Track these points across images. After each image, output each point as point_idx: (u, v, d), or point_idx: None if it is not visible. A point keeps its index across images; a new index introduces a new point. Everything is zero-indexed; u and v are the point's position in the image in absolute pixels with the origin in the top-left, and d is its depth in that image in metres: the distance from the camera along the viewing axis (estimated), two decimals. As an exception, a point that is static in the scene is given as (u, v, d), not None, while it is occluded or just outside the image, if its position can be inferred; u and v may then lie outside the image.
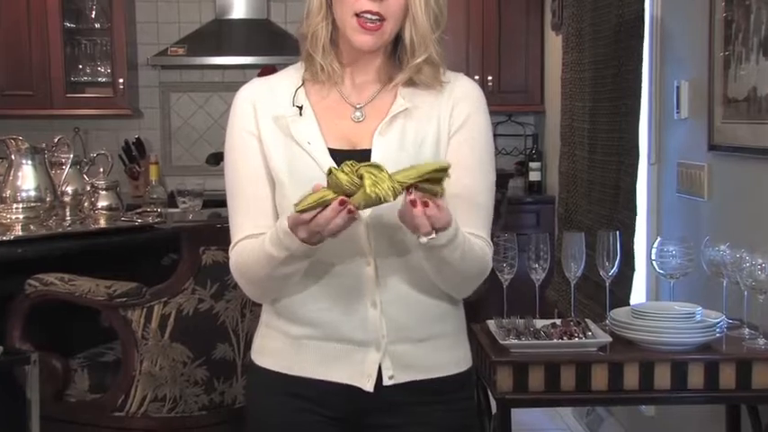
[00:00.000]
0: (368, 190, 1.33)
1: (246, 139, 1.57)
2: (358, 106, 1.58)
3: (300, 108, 1.56)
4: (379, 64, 1.59)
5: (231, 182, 1.59)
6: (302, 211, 1.37)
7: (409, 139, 1.54)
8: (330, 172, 1.36)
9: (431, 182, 1.37)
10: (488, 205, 1.58)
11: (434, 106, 1.57)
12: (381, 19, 1.51)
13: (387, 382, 1.56)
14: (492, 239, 1.61)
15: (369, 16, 1.51)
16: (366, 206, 1.36)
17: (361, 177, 1.34)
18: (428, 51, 1.55)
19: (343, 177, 1.34)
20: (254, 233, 1.54)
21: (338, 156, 1.52)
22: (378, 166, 1.34)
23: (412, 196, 1.36)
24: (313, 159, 1.52)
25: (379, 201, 1.34)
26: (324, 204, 1.36)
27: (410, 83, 1.58)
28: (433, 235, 1.39)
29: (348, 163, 1.35)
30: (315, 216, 1.37)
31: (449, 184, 1.53)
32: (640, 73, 3.23)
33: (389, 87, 1.58)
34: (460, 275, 1.54)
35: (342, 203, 1.35)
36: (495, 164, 1.62)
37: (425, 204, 1.36)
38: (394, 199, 1.35)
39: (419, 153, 1.54)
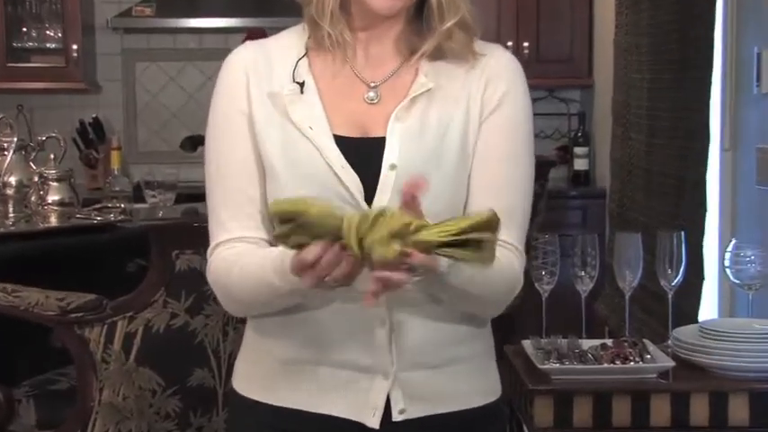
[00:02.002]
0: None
1: (235, 118, 1.58)
2: (372, 85, 1.58)
3: (302, 85, 1.57)
4: (399, 32, 1.59)
5: (213, 169, 1.59)
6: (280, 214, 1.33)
7: (431, 124, 1.55)
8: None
9: (467, 246, 1.31)
10: (524, 206, 1.59)
11: (464, 86, 1.58)
12: None
13: (396, 417, 1.56)
14: (528, 243, 1.61)
15: None
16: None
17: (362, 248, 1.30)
18: (460, 12, 1.55)
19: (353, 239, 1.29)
20: (241, 236, 1.55)
21: (345, 144, 1.53)
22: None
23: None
24: (315, 147, 1.53)
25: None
26: (321, 234, 1.32)
27: (436, 55, 1.58)
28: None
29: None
30: (318, 258, 1.33)
31: (476, 178, 1.53)
32: (712, 37, 3.22)
33: (411, 62, 1.59)
34: (481, 302, 1.55)
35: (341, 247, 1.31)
36: (534, 154, 1.62)
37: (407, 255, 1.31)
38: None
39: (442, 142, 1.55)
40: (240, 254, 1.54)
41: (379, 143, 1.53)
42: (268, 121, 1.56)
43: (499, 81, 1.58)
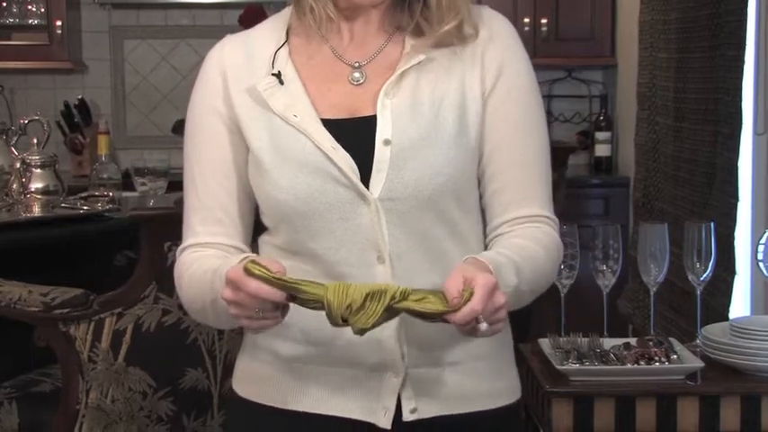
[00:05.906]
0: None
1: (210, 120, 1.62)
2: (356, 65, 1.61)
3: (278, 75, 1.59)
4: (384, 10, 1.61)
5: (188, 171, 1.65)
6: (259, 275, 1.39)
7: (424, 98, 1.57)
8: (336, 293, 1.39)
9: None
10: (547, 171, 1.63)
11: (456, 55, 1.60)
12: None
13: (407, 416, 1.57)
14: None
15: None
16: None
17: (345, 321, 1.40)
18: (460, 15, 1.58)
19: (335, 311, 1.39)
20: (207, 242, 1.60)
21: (334, 126, 1.55)
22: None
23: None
24: (302, 133, 1.55)
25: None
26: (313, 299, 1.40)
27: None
28: (483, 326, 1.40)
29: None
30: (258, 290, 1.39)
31: (496, 153, 1.58)
32: (745, 13, 3.21)
33: (396, 38, 1.61)
34: (532, 294, 1.59)
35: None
36: (544, 110, 1.67)
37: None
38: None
39: (437, 115, 1.56)
40: (198, 258, 1.59)
41: (369, 121, 1.55)
42: (252, 116, 1.59)
43: (495, 47, 1.61)
